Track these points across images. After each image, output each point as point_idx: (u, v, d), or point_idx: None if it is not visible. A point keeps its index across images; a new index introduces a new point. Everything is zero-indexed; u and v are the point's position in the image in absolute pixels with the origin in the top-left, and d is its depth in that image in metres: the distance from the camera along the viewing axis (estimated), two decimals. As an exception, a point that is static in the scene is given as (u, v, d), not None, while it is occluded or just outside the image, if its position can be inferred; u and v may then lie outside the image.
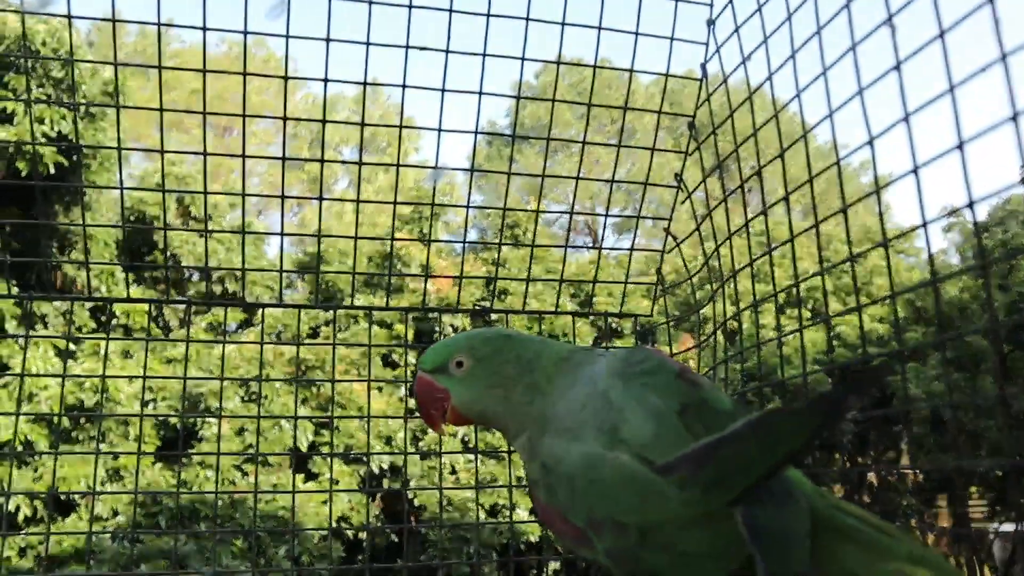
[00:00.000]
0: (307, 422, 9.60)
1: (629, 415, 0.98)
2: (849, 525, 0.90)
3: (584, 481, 0.97)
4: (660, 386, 1.01)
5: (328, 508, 8.66)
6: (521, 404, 1.14)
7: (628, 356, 1.10)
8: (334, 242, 11.97)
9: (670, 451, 0.91)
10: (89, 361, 9.46)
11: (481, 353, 1.18)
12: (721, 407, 1.00)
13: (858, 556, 0.87)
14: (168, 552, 7.59)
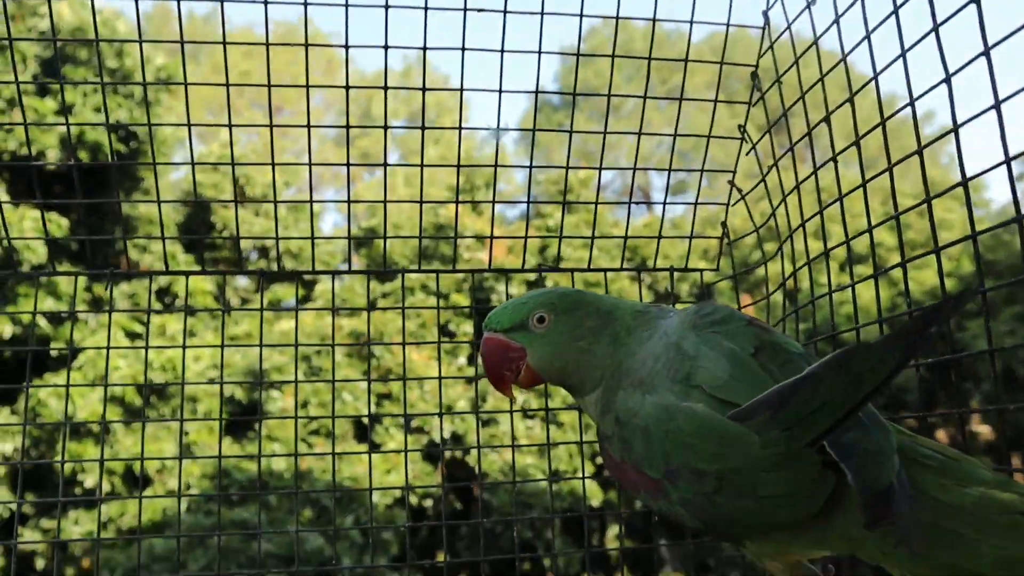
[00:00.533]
0: (364, 393, 9.76)
1: (703, 361, 0.98)
2: (928, 455, 0.89)
3: (659, 432, 0.97)
4: (732, 332, 1.01)
5: (392, 477, 8.82)
6: (604, 357, 1.14)
7: (699, 309, 1.10)
8: (388, 216, 12.08)
9: (747, 390, 0.91)
10: (156, 342, 9.75)
11: (562, 307, 1.17)
12: (794, 349, 1.00)
13: (940, 483, 0.85)
14: (240, 523, 7.84)
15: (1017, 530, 0.78)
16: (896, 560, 0.86)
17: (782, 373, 0.94)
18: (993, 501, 0.81)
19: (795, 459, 0.85)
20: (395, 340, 9.97)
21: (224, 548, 7.39)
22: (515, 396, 1.23)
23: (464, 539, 9.14)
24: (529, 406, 9.81)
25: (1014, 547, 0.77)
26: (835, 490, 0.86)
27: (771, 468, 0.87)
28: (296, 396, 1.34)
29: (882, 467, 0.81)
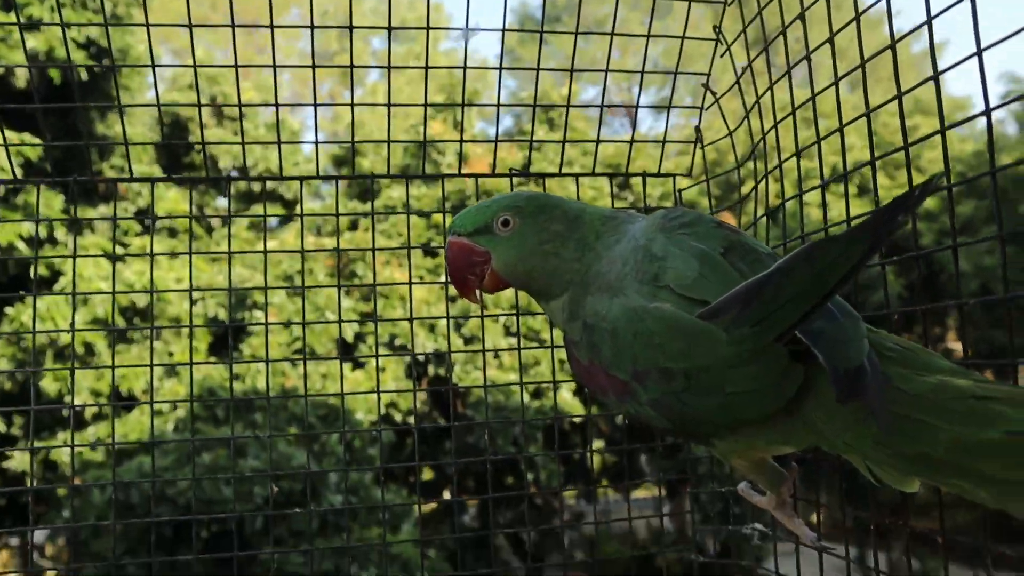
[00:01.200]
0: (351, 313, 9.79)
1: (671, 262, 0.98)
2: (890, 347, 0.90)
3: (627, 334, 0.98)
4: (701, 234, 1.01)
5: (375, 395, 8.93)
6: (571, 261, 1.13)
7: (667, 213, 1.10)
8: (369, 134, 11.89)
9: (716, 287, 0.92)
10: (137, 264, 9.68)
11: (528, 210, 1.15)
12: (763, 249, 1.00)
13: (900, 372, 0.86)
14: (226, 440, 7.93)
15: (971, 414, 0.80)
16: (857, 450, 0.88)
17: (751, 271, 0.95)
18: (950, 387, 0.82)
19: (763, 354, 0.86)
20: (378, 259, 9.96)
21: (211, 465, 7.51)
22: (480, 301, 1.22)
23: (449, 453, 9.32)
24: (511, 324, 9.88)
25: (968, 430, 0.79)
26: (802, 383, 0.88)
27: (739, 364, 0.88)
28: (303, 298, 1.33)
29: (852, 349, 0.82)
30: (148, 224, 10.27)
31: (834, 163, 1.09)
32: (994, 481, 0.79)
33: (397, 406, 9.56)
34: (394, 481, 8.93)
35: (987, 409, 0.79)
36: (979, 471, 0.80)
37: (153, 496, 1.44)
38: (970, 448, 0.79)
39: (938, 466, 0.82)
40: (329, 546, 6.38)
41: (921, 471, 0.85)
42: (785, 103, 1.27)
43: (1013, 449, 0.77)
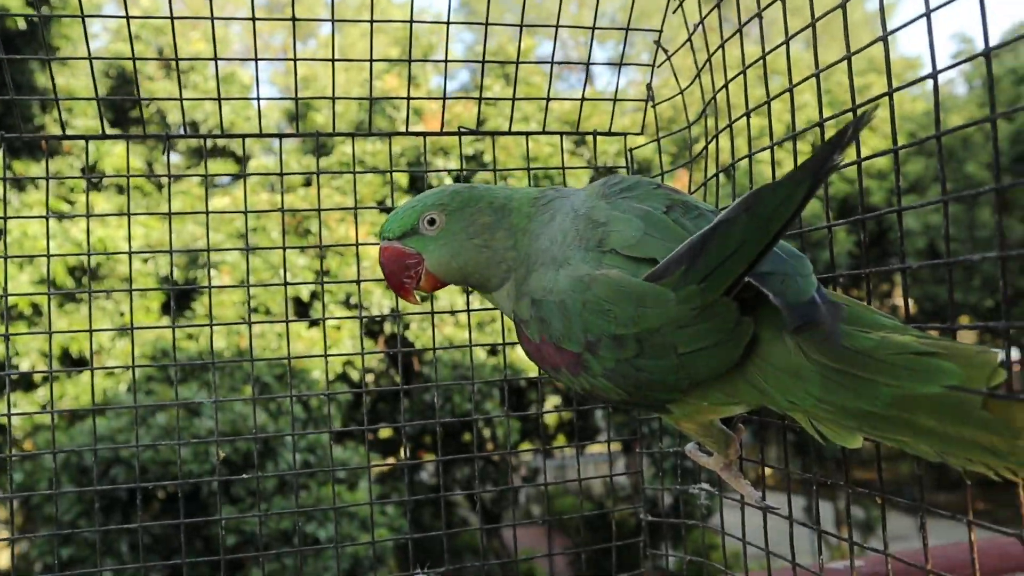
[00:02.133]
0: (306, 271, 9.68)
1: (615, 225, 0.97)
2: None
3: (576, 304, 0.97)
4: (643, 196, 1.01)
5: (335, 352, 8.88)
6: (505, 250, 1.12)
7: (606, 180, 1.09)
8: (323, 89, 11.64)
9: (662, 245, 0.92)
10: (84, 222, 9.42)
11: (453, 206, 1.14)
12: (705, 207, 1.00)
13: (843, 329, 0.86)
14: (185, 401, 7.83)
15: (913, 370, 0.80)
16: (802, 408, 0.88)
17: (695, 227, 0.95)
18: (892, 343, 0.83)
19: (712, 310, 0.87)
20: (334, 215, 9.80)
21: (167, 426, 7.43)
22: (420, 302, 1.21)
23: (407, 412, 9.34)
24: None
25: (908, 385, 0.80)
26: (751, 339, 0.88)
27: (689, 323, 0.88)
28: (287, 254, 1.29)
29: (802, 283, 0.83)
30: (94, 182, 9.99)
31: (789, 121, 1.10)
32: (934, 435, 0.80)
33: (354, 364, 9.52)
34: (352, 439, 8.93)
35: (928, 364, 0.80)
36: (920, 426, 0.81)
37: (97, 462, 1.41)
38: (911, 403, 0.80)
39: (880, 422, 0.83)
40: (279, 511, 6.38)
41: (864, 427, 0.86)
42: (739, 61, 1.26)
43: (952, 403, 0.78)
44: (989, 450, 0.78)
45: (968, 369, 0.78)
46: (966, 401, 0.77)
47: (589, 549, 1.53)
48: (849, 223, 0.91)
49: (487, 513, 10.99)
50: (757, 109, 1.16)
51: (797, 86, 1.08)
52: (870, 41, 0.86)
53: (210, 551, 7.35)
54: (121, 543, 7.03)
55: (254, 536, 7.09)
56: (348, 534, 7.29)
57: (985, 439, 0.77)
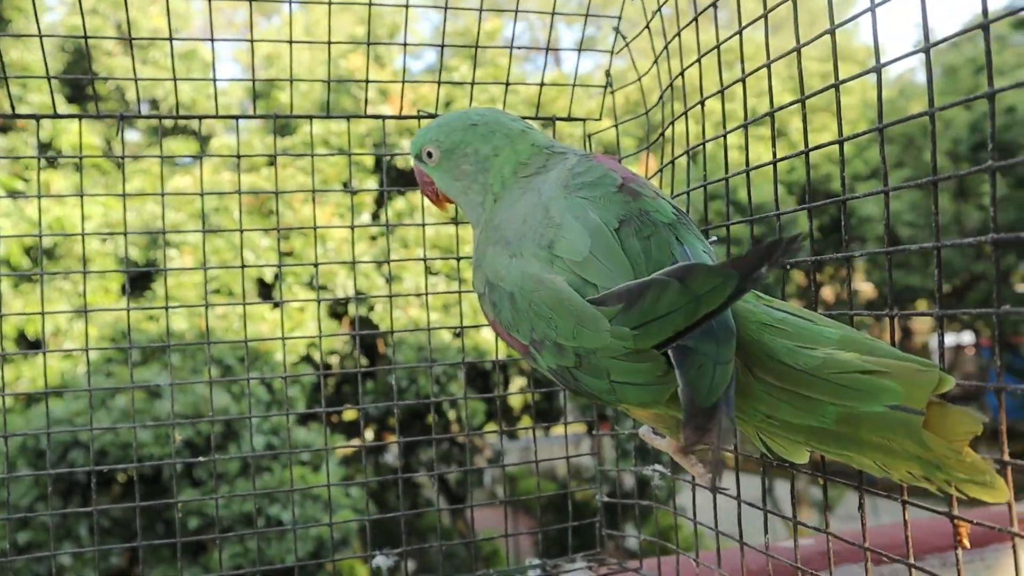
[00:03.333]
0: (269, 251, 9.58)
1: (566, 232, 0.97)
2: (779, 317, 0.92)
3: (524, 301, 0.98)
4: (600, 199, 0.99)
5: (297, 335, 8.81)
6: (476, 205, 1.15)
7: (575, 166, 1.07)
8: (287, 67, 11.47)
9: (604, 270, 0.92)
10: (38, 201, 9.21)
11: (446, 145, 1.19)
12: (663, 218, 0.98)
13: (788, 347, 0.88)
14: (141, 383, 7.74)
15: (855, 389, 0.83)
16: (748, 423, 0.91)
17: (644, 250, 0.94)
18: (835, 362, 0.85)
19: (644, 355, 0.87)
20: (297, 197, 9.70)
21: (127, 409, 7.33)
22: (447, 208, 1.31)
23: (371, 393, 9.32)
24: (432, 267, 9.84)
25: (852, 404, 0.83)
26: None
27: (621, 358, 0.88)
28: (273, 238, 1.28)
29: (715, 382, 0.82)
30: (47, 157, 9.77)
31: (752, 105, 1.12)
32: (878, 450, 0.83)
33: (317, 345, 9.46)
34: (316, 421, 8.89)
35: (870, 384, 0.82)
36: (864, 441, 0.84)
37: (51, 446, 1.40)
38: (856, 421, 0.83)
39: (826, 437, 0.86)
40: (239, 494, 6.32)
41: (810, 442, 0.88)
42: (698, 46, 1.27)
43: (894, 421, 0.81)
44: (930, 464, 0.81)
45: (909, 388, 0.81)
46: (908, 419, 0.80)
47: (547, 529, 1.56)
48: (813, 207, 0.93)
49: (452, 494, 11.03)
50: (713, 96, 1.18)
51: (751, 75, 1.09)
52: (818, 34, 0.88)
53: (171, 533, 7.29)
54: (80, 527, 6.95)
55: (216, 518, 7.03)
56: (313, 516, 7.27)
57: (926, 454, 0.80)
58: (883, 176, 0.79)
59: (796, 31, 0.92)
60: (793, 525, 1.04)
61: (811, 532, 1.09)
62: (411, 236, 9.42)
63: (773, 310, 0.94)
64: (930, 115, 0.71)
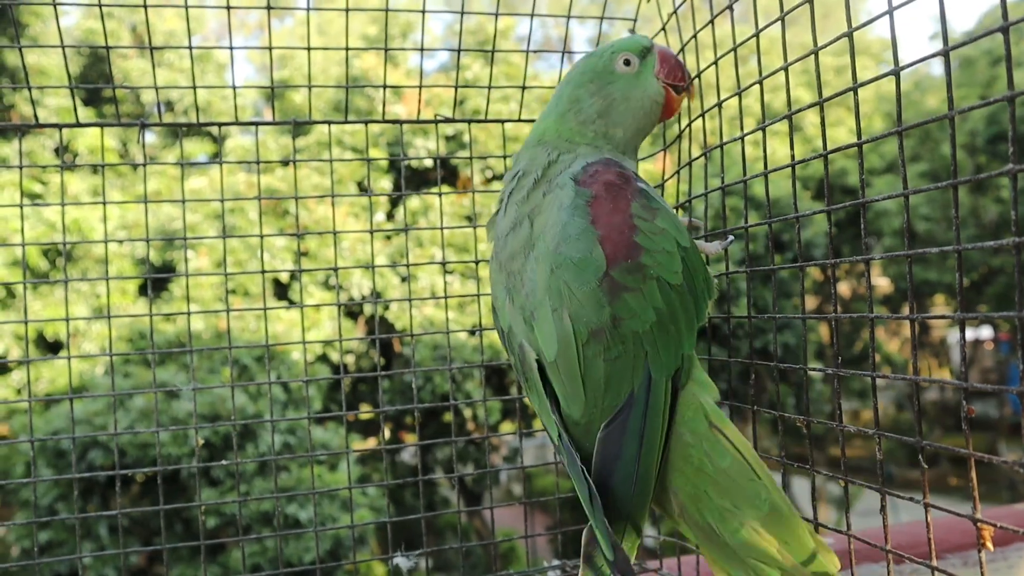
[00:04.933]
0: (285, 252, 9.63)
1: (541, 322, 1.00)
2: (721, 468, 0.98)
3: (512, 353, 1.09)
4: (579, 295, 0.97)
5: (311, 335, 8.86)
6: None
7: (567, 222, 1.01)
8: (300, 67, 11.51)
9: (561, 385, 1.00)
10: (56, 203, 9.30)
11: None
12: (636, 326, 0.97)
13: (720, 508, 0.97)
14: (160, 383, 7.81)
15: (754, 496, 0.97)
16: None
17: (605, 377, 0.97)
18: (754, 549, 0.95)
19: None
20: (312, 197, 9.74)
21: (145, 409, 7.39)
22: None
23: (387, 392, 9.35)
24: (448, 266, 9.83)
25: (751, 513, 0.96)
26: None
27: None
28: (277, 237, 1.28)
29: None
30: (67, 163, 9.85)
31: (767, 100, 1.11)
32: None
33: (333, 345, 9.50)
34: (332, 420, 8.93)
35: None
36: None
37: (75, 447, 1.41)
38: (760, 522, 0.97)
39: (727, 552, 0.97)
40: (259, 496, 6.39)
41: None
42: (715, 45, 1.27)
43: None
44: None
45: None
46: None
47: (566, 530, 1.56)
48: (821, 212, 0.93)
49: (468, 493, 11.05)
50: (731, 97, 1.18)
51: (767, 78, 1.09)
52: (836, 36, 0.88)
53: (190, 532, 7.35)
54: (100, 526, 7.02)
55: (234, 518, 7.10)
56: (329, 515, 7.31)
57: None
58: (903, 179, 0.78)
59: (813, 33, 0.92)
60: (815, 527, 1.04)
61: (828, 530, 1.09)
62: (425, 235, 9.44)
63: (717, 453, 0.99)
64: (950, 118, 0.71)
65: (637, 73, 1.14)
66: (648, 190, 1.04)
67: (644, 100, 1.14)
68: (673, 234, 1.00)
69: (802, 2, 0.96)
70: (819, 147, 0.96)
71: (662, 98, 1.15)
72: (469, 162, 1.55)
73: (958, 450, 0.79)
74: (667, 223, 1.00)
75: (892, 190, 10.66)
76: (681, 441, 0.99)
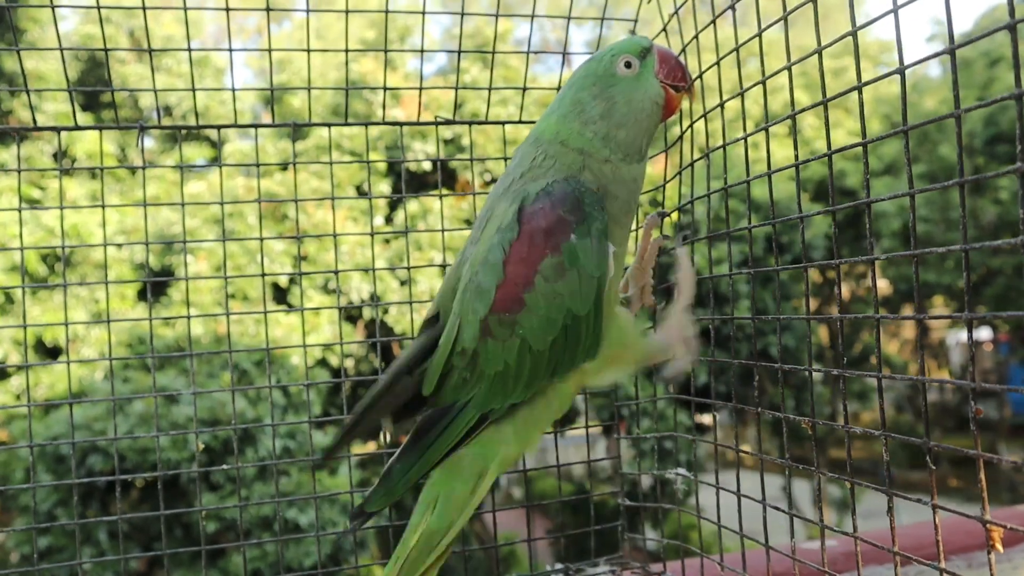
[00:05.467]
0: (284, 256, 9.63)
1: (451, 308, 1.15)
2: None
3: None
4: (469, 315, 1.10)
5: (311, 339, 8.85)
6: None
7: (493, 246, 1.10)
8: (298, 71, 11.52)
9: (438, 352, 1.14)
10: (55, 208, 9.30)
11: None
12: (491, 364, 1.10)
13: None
14: (160, 388, 7.80)
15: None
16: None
17: (451, 372, 1.14)
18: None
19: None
20: (311, 201, 9.74)
21: (144, 414, 7.38)
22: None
23: (387, 397, 9.33)
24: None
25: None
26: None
27: None
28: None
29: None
30: (65, 168, 9.86)
31: (766, 104, 1.12)
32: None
33: (333, 349, 9.50)
34: (332, 424, 8.92)
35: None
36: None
37: (75, 453, 1.41)
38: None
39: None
40: (259, 500, 6.39)
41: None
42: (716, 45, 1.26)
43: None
44: None
45: None
46: None
47: (568, 534, 1.55)
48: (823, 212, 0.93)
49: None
50: (733, 98, 1.17)
51: (770, 78, 1.09)
52: (840, 36, 0.88)
53: (190, 537, 7.33)
54: (99, 531, 7.01)
55: (234, 522, 7.09)
56: (330, 519, 7.29)
57: None
58: (908, 179, 0.78)
59: (817, 33, 0.92)
60: (820, 529, 1.03)
61: (831, 532, 1.08)
62: (424, 238, 9.44)
63: (459, 482, 1.19)
64: (956, 116, 0.70)
65: (638, 75, 1.15)
66: (585, 239, 1.06)
67: (645, 101, 1.15)
68: (567, 303, 1.06)
69: (805, 1, 0.95)
70: (817, 149, 0.96)
71: (662, 99, 1.16)
72: (468, 165, 1.55)
73: (966, 451, 0.78)
74: (569, 288, 1.05)
75: (891, 192, 10.69)
76: (456, 459, 1.16)
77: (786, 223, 1.10)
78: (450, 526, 1.17)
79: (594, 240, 1.05)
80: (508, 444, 1.16)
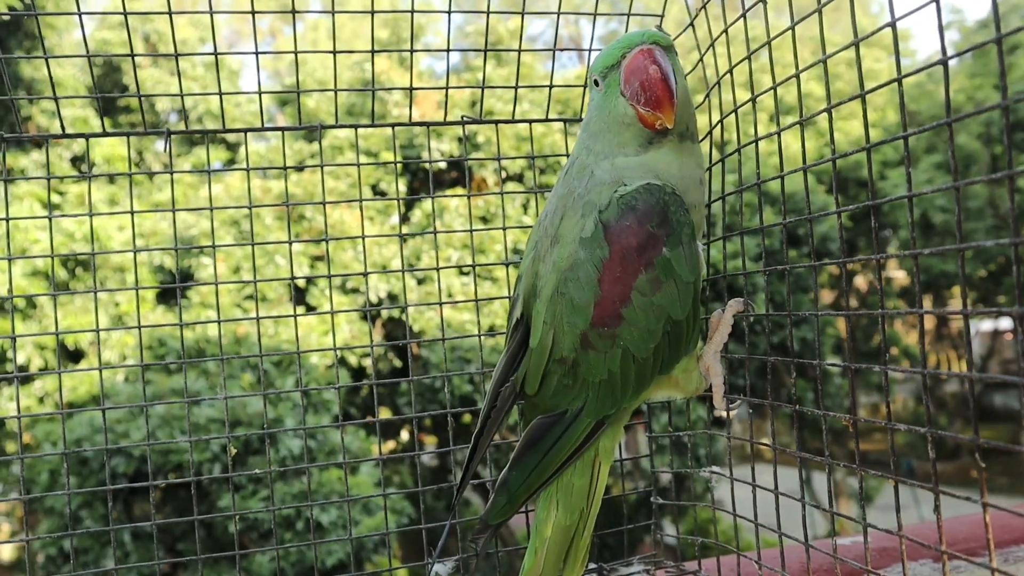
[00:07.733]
0: (301, 256, 9.66)
1: (537, 316, 1.16)
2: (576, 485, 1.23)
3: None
4: (565, 327, 1.12)
5: (329, 339, 8.89)
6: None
7: (582, 261, 1.11)
8: (312, 71, 11.55)
9: (532, 362, 1.17)
10: (75, 211, 9.37)
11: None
12: (595, 373, 1.12)
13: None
14: (179, 391, 7.86)
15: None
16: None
17: (550, 380, 1.16)
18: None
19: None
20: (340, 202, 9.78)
21: (166, 415, 7.43)
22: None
23: (405, 395, 9.36)
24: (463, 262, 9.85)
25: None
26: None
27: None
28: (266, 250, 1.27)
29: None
30: (87, 173, 9.94)
31: (781, 94, 1.10)
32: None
33: (352, 349, 9.53)
34: (352, 424, 8.96)
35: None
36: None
37: (107, 458, 1.42)
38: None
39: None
40: (290, 505, 6.43)
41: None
42: (742, 42, 1.25)
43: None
44: None
45: None
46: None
47: (601, 534, 1.55)
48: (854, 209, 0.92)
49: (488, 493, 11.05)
50: (765, 92, 1.16)
51: (801, 73, 1.08)
52: (879, 27, 0.86)
53: (212, 536, 7.39)
54: (124, 532, 7.06)
55: (256, 522, 7.13)
56: (352, 517, 7.32)
57: None
58: (953, 171, 0.77)
59: (854, 24, 0.91)
60: (863, 528, 1.02)
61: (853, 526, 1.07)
62: (441, 237, 9.45)
63: (578, 473, 1.21)
64: (1004, 107, 0.69)
65: (604, 92, 1.14)
66: (676, 249, 1.06)
67: (613, 118, 1.13)
68: (667, 311, 1.08)
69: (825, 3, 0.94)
70: (835, 141, 0.94)
71: (631, 117, 1.11)
72: (483, 163, 1.54)
73: (1018, 448, 0.77)
74: (667, 299, 1.07)
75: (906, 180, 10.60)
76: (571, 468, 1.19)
77: (810, 217, 1.09)
78: (581, 516, 1.21)
79: (685, 247, 1.07)
80: (609, 437, 1.20)
